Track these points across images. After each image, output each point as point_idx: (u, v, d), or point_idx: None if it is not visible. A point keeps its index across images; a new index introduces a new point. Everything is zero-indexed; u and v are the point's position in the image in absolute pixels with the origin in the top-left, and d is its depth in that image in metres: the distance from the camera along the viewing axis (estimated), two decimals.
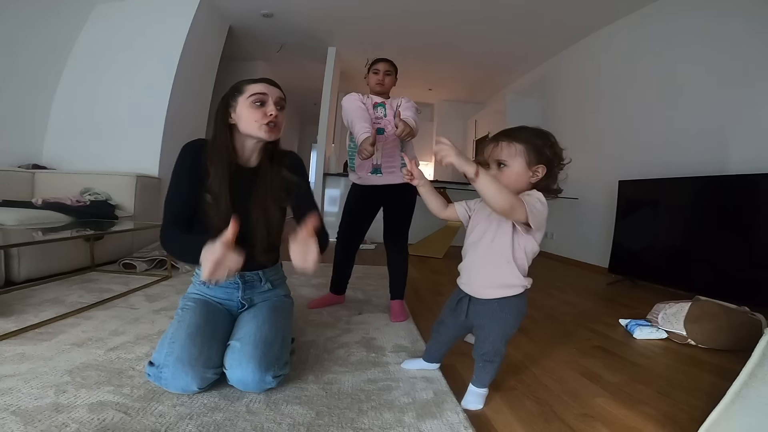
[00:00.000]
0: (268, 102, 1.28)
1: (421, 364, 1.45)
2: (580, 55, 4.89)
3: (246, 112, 1.26)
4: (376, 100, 2.11)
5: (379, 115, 2.08)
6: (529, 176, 1.12)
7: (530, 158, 1.11)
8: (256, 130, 1.26)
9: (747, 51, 2.89)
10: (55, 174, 3.44)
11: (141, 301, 2.10)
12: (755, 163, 2.72)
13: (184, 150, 1.31)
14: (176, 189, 1.28)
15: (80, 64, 3.93)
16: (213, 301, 1.36)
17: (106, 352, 1.41)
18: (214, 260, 1.03)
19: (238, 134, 1.31)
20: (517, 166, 1.11)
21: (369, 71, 2.15)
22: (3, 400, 1.05)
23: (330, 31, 5.04)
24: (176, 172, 1.29)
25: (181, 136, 3.96)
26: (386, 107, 2.08)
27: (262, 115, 1.26)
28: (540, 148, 1.11)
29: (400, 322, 2.01)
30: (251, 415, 1.07)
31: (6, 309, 1.82)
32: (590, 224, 4.44)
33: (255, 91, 1.26)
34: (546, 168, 1.11)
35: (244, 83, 1.30)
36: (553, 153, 1.12)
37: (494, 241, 1.17)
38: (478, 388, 1.25)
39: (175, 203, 1.27)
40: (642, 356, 1.77)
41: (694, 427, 1.02)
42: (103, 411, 1.03)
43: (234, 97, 1.29)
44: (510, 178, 1.12)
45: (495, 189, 1.00)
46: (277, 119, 1.29)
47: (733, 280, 2.59)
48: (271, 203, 1.32)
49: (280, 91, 1.33)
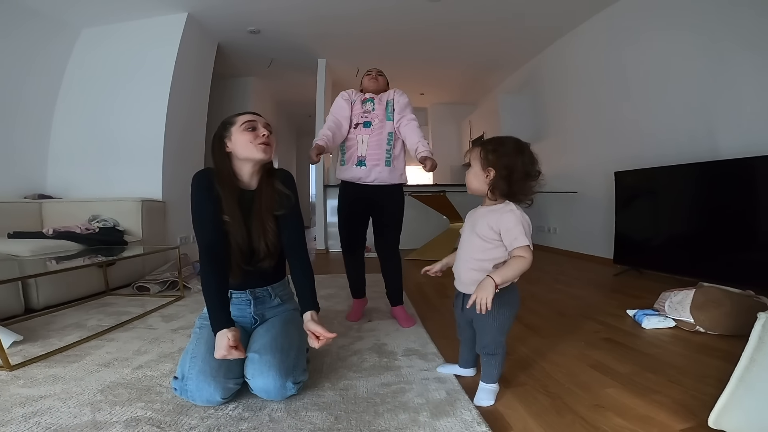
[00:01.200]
0: (258, 126, 1.40)
1: (456, 369, 1.50)
2: (565, 51, 4.93)
3: (240, 137, 1.36)
4: (367, 96, 2.20)
5: (367, 109, 2.16)
6: (484, 176, 1.27)
7: (483, 162, 1.27)
8: (251, 150, 1.36)
9: (727, 41, 2.94)
10: (62, 203, 3.51)
11: (158, 321, 2.16)
12: (742, 147, 2.77)
13: (196, 177, 1.39)
14: (199, 213, 1.35)
15: (73, 92, 3.97)
16: None
17: (133, 371, 1.48)
18: (221, 355, 1.15)
19: (236, 161, 1.40)
20: (476, 167, 1.30)
21: (363, 77, 2.28)
22: (44, 420, 1.12)
23: (318, 43, 5.09)
24: (195, 198, 1.36)
25: (181, 157, 4.09)
26: (375, 102, 2.16)
27: (254, 136, 1.37)
28: (492, 153, 1.25)
29: (410, 327, 2.05)
30: (274, 423, 1.12)
31: (31, 335, 1.90)
32: (592, 216, 4.47)
33: (246, 119, 1.40)
34: (494, 171, 1.24)
35: (232, 117, 1.43)
36: (505, 158, 1.24)
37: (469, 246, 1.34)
38: (488, 384, 1.31)
39: (203, 227, 1.34)
40: (651, 345, 1.78)
41: (706, 413, 1.04)
42: (138, 426, 1.09)
43: (226, 129, 1.40)
44: (470, 175, 1.32)
45: (512, 272, 1.19)
46: (269, 139, 1.40)
47: (737, 263, 2.62)
48: (267, 215, 1.40)
49: (264, 118, 1.46)
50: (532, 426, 1.14)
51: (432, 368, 1.52)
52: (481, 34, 4.87)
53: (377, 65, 2.35)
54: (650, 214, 3.41)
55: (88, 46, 4.05)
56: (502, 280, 1.17)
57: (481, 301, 1.14)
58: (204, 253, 1.31)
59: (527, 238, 1.20)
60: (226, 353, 1.14)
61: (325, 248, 5.63)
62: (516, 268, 1.19)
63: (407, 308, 2.34)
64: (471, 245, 1.32)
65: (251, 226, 1.38)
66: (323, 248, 5.60)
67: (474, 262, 1.30)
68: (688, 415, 1.16)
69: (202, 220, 1.34)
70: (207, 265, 1.29)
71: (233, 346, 1.15)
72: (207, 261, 1.29)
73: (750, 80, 2.80)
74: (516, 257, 1.20)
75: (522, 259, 1.19)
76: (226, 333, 1.16)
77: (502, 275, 1.17)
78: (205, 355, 1.21)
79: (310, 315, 1.31)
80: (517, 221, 1.22)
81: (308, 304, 1.35)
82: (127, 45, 4.03)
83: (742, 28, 2.84)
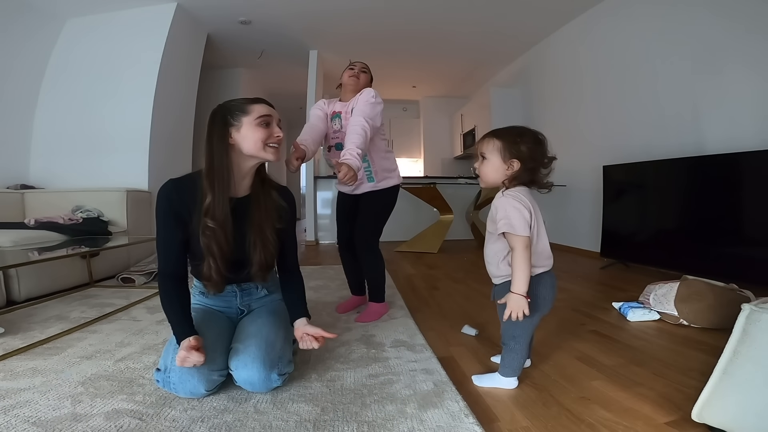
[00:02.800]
0: (273, 123, 1.26)
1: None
2: (557, 46, 4.96)
3: (252, 133, 1.21)
4: (336, 108, 2.02)
5: (336, 128, 2.01)
6: (505, 169, 1.24)
7: (505, 153, 1.23)
8: (261, 150, 1.22)
9: (715, 38, 2.97)
10: (45, 193, 3.45)
11: (143, 313, 2.13)
12: (728, 143, 2.82)
13: (160, 195, 1.24)
14: (163, 236, 1.24)
15: (57, 81, 3.90)
16: (213, 310, 1.41)
17: (115, 363, 1.46)
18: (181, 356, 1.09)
19: (236, 156, 1.24)
20: (495, 159, 1.25)
21: (344, 72, 2.07)
22: (23, 412, 1.09)
23: (310, 34, 5.04)
24: (160, 221, 1.24)
25: (168, 147, 4.03)
26: (342, 117, 1.98)
27: (268, 135, 1.23)
28: (514, 144, 1.22)
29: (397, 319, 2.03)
30: (259, 414, 1.11)
31: (12, 327, 1.86)
32: (580, 210, 4.51)
33: (262, 113, 1.23)
34: (520, 162, 1.21)
35: (244, 103, 1.24)
36: (528, 150, 1.21)
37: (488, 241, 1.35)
38: (502, 375, 1.33)
39: (164, 252, 1.24)
40: (636, 338, 1.80)
41: (690, 406, 1.06)
42: (120, 418, 1.07)
43: (236, 116, 1.22)
44: (488, 168, 1.27)
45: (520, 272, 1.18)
46: (281, 140, 1.27)
47: (722, 257, 2.67)
48: (267, 227, 1.29)
49: (277, 112, 1.31)
50: (518, 417, 1.14)
51: (420, 359, 1.51)
52: (473, 28, 4.86)
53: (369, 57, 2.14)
54: (637, 208, 3.46)
55: (73, 36, 3.97)
56: (522, 286, 1.18)
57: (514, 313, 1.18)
58: (167, 278, 1.22)
59: (512, 226, 1.18)
60: (187, 353, 1.08)
61: (315, 240, 5.62)
62: (520, 267, 1.18)
63: (396, 300, 2.35)
64: (486, 237, 1.36)
65: (244, 237, 1.27)
66: (313, 239, 5.59)
67: (487, 255, 1.35)
68: (672, 408, 1.17)
69: (167, 249, 1.23)
70: (170, 287, 1.22)
71: (194, 347, 1.10)
72: (171, 284, 1.22)
73: (737, 76, 2.83)
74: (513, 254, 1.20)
75: (514, 252, 1.19)
76: (189, 339, 1.12)
77: (517, 282, 1.18)
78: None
79: (304, 320, 1.30)
80: (503, 207, 1.22)
81: (300, 312, 1.33)
82: (114, 35, 3.96)
83: (731, 23, 2.86)
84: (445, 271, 3.47)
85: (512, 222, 1.18)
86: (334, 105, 2.06)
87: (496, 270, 1.32)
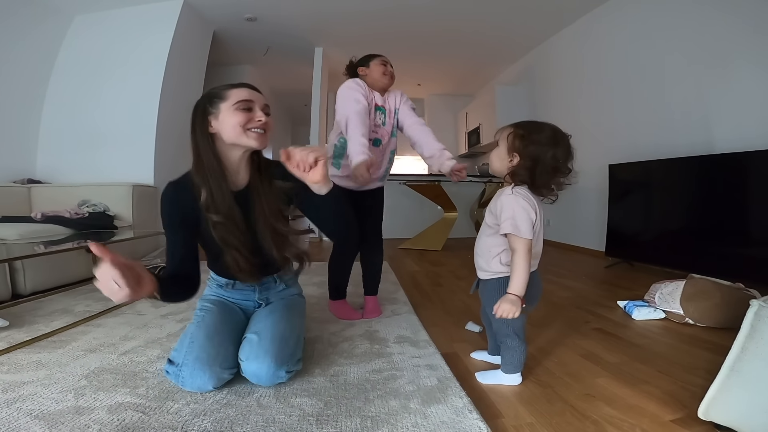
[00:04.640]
0: (255, 108, 1.18)
1: (486, 356, 1.51)
2: (563, 44, 4.92)
3: (230, 118, 1.14)
4: (378, 100, 1.92)
5: (378, 123, 1.90)
6: (508, 160, 1.23)
7: (509, 145, 1.22)
8: (242, 136, 1.15)
9: (722, 36, 2.94)
10: (51, 187, 3.46)
11: (147, 307, 2.14)
12: (738, 141, 2.77)
13: (161, 200, 1.23)
14: (167, 239, 1.24)
15: (65, 77, 3.93)
16: (230, 303, 1.41)
17: (119, 357, 1.46)
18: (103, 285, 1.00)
19: (221, 145, 1.19)
20: (501, 148, 1.25)
21: (369, 64, 1.95)
22: (25, 406, 1.09)
23: (315, 32, 5.04)
24: (163, 222, 1.23)
25: (174, 143, 4.04)
26: (386, 114, 1.92)
27: (248, 119, 1.15)
28: (522, 139, 1.19)
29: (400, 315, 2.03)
30: (262, 408, 1.11)
31: (17, 320, 1.87)
32: (585, 209, 4.48)
33: (241, 97, 1.16)
34: (520, 158, 1.19)
35: (223, 89, 1.18)
36: (535, 149, 1.18)
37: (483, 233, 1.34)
38: (504, 373, 1.31)
39: (169, 255, 1.25)
40: (641, 336, 1.79)
41: (696, 404, 1.04)
42: (122, 412, 1.07)
43: (214, 103, 1.16)
44: (495, 155, 1.27)
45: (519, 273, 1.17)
46: (266, 125, 1.19)
47: (729, 257, 2.64)
48: (273, 219, 1.25)
49: (263, 97, 1.23)
50: (522, 414, 1.14)
51: (423, 355, 1.51)
52: (479, 27, 4.83)
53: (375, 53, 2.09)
54: (643, 207, 3.43)
55: (81, 32, 4.00)
56: (521, 288, 1.17)
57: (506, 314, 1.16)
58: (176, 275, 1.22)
59: (517, 228, 1.16)
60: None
61: (319, 237, 5.61)
62: (520, 269, 1.17)
63: (400, 297, 2.35)
64: (482, 228, 1.33)
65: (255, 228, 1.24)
66: (317, 237, 5.58)
67: (479, 246, 1.33)
68: (677, 406, 1.16)
69: (171, 253, 1.23)
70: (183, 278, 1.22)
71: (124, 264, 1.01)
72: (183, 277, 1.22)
73: (746, 75, 2.80)
74: (513, 256, 1.19)
75: (515, 254, 1.18)
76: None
77: (516, 284, 1.17)
78: (203, 341, 1.18)
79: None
80: (510, 206, 1.19)
81: None
82: (121, 31, 3.99)
83: (739, 21, 2.82)
84: (449, 268, 3.47)
85: (518, 223, 1.17)
86: (374, 95, 1.92)
87: (485, 265, 1.31)
